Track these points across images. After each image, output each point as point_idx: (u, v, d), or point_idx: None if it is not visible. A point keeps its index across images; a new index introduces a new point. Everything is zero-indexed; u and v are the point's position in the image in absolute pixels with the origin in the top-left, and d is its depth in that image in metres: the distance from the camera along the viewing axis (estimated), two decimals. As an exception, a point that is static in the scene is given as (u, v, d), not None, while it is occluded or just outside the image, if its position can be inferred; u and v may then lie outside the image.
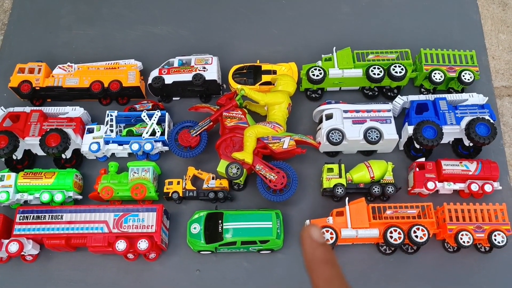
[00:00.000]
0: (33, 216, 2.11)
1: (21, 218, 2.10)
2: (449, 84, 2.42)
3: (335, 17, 2.72)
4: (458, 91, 2.41)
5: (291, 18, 2.73)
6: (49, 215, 2.10)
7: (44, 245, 2.11)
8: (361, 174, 2.19)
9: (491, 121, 2.17)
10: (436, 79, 2.33)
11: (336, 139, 2.19)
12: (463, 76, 2.32)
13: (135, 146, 2.27)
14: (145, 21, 2.75)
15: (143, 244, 2.04)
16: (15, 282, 2.14)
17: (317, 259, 0.47)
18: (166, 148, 2.32)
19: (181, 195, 2.22)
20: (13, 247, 2.03)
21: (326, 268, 0.46)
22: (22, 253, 2.08)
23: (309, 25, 2.70)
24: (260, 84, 2.40)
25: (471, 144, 2.23)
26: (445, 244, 2.13)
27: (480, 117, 2.17)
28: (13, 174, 2.21)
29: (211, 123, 2.24)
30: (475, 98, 2.29)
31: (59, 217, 2.10)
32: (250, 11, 2.77)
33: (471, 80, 2.32)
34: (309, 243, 0.48)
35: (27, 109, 2.33)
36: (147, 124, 2.30)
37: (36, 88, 2.41)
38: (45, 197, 2.18)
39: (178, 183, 2.24)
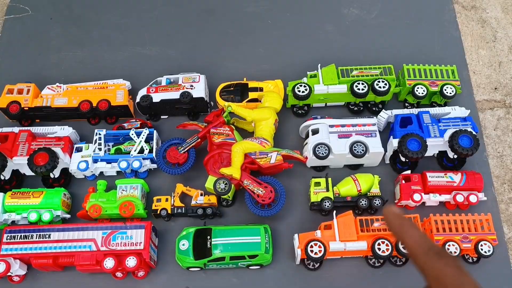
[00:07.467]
0: (21, 235, 2.09)
1: (8, 238, 2.09)
2: (432, 98, 2.47)
3: (320, 35, 2.79)
4: (441, 105, 2.46)
5: (277, 38, 2.79)
6: (37, 235, 2.09)
7: (32, 265, 2.09)
8: (348, 188, 2.21)
9: (474, 133, 2.21)
10: (419, 93, 2.38)
11: (322, 153, 2.22)
12: (445, 90, 2.38)
13: (124, 164, 2.28)
14: (134, 43, 2.80)
15: (131, 262, 2.03)
16: (1, 303, 2.12)
17: (406, 225, 0.58)
18: (155, 165, 2.33)
19: (169, 212, 2.22)
20: (0, 267, 2.01)
21: (416, 230, 0.57)
22: (9, 273, 2.06)
23: (295, 43, 2.76)
24: (247, 101, 2.43)
25: (455, 156, 2.26)
26: (433, 255, 2.14)
27: (463, 129, 2.22)
28: (0, 194, 2.21)
29: (199, 140, 2.26)
30: (458, 111, 2.34)
31: (47, 236, 2.09)
32: (237, 31, 2.83)
33: (453, 93, 2.37)
34: (393, 217, 0.59)
35: (16, 129, 2.34)
36: (135, 142, 2.32)
37: (25, 108, 2.43)
38: (33, 217, 2.17)
39: (167, 200, 2.24)
